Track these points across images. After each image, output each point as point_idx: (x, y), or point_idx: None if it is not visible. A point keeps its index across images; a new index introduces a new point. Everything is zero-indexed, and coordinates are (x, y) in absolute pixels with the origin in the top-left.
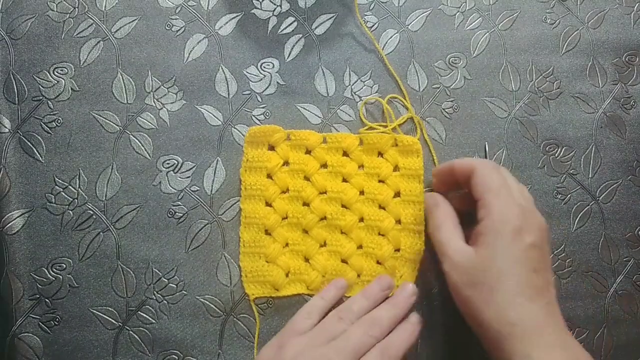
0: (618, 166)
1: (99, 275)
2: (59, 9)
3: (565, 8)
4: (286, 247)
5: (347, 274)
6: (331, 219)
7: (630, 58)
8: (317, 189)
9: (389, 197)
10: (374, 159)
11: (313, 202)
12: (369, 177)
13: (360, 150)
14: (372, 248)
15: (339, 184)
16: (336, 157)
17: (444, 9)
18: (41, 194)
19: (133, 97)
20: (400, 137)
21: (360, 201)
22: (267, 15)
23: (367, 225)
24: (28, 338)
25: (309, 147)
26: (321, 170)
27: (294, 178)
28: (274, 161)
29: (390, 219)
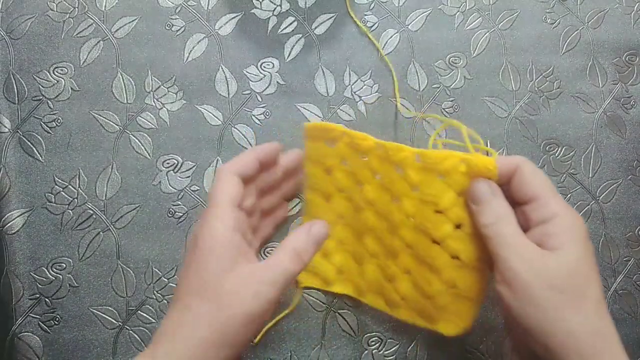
0: (618, 166)
1: (99, 275)
2: (59, 9)
3: (565, 8)
4: (341, 245)
5: (391, 293)
6: (378, 236)
7: (630, 58)
8: (367, 199)
9: (447, 232)
10: (434, 183)
11: (363, 212)
12: (423, 204)
13: (417, 168)
14: (420, 282)
15: (387, 202)
16: (387, 170)
17: (444, 9)
18: (41, 193)
19: (133, 96)
20: (472, 159)
21: (409, 227)
22: (267, 15)
23: (416, 255)
24: (28, 337)
25: (362, 152)
26: (374, 180)
27: (349, 179)
28: (331, 158)
29: (445, 257)
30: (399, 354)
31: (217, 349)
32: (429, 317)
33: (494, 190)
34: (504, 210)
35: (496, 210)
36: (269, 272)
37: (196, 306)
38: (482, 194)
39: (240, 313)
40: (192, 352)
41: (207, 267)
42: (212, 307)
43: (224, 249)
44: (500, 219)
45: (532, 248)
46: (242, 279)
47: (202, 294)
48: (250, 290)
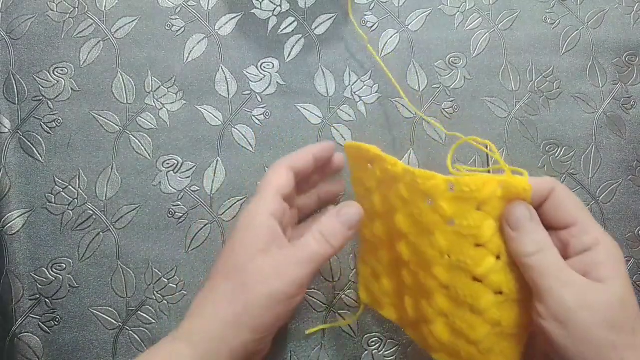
0: (618, 166)
1: (99, 276)
2: (59, 9)
3: (565, 8)
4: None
5: (428, 336)
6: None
7: (630, 58)
8: (399, 229)
9: (490, 267)
10: (471, 214)
11: (398, 242)
12: (460, 238)
13: (450, 199)
14: (460, 326)
15: (418, 235)
16: (416, 201)
17: (444, 9)
18: (41, 194)
19: (133, 97)
20: (509, 181)
21: (444, 265)
22: (267, 15)
23: (454, 297)
24: (28, 338)
25: (393, 177)
26: (405, 210)
27: (384, 205)
28: (370, 180)
29: (489, 295)
30: (398, 355)
31: (237, 330)
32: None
33: (532, 215)
34: (545, 237)
35: (537, 237)
36: (296, 253)
37: (221, 285)
38: (521, 220)
39: (262, 293)
40: (211, 331)
41: (238, 248)
42: (236, 286)
43: (257, 232)
44: (542, 248)
45: (580, 280)
46: (268, 260)
47: (229, 273)
48: (274, 270)
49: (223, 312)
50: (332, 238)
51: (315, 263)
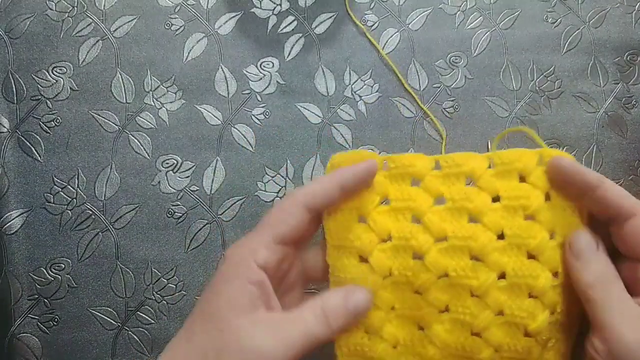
0: (619, 166)
1: (98, 276)
2: (58, 8)
3: (566, 7)
4: (392, 311)
5: (482, 351)
6: (456, 277)
7: (631, 57)
8: (432, 234)
9: (546, 240)
10: (515, 185)
11: (428, 254)
12: (509, 211)
13: (491, 175)
14: (520, 317)
15: (465, 225)
16: (457, 187)
17: (445, 8)
18: (40, 193)
19: (132, 96)
20: (547, 152)
21: (500, 249)
22: (267, 14)
23: (512, 284)
24: (27, 338)
25: (416, 176)
26: (437, 207)
27: (397, 220)
28: (365, 197)
29: (546, 273)
30: None
31: None
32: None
33: (595, 243)
34: (610, 269)
35: (600, 268)
36: (286, 327)
37: (196, 339)
38: (584, 248)
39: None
40: None
41: (222, 300)
42: (211, 349)
43: (242, 287)
44: (605, 280)
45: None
46: (251, 328)
47: (207, 327)
48: (256, 343)
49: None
50: (334, 320)
51: (307, 344)
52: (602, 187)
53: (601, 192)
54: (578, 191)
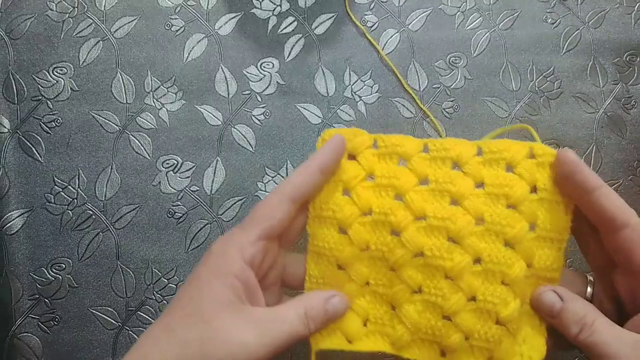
0: (619, 166)
1: (99, 276)
2: (59, 9)
3: (565, 8)
4: (366, 286)
5: (451, 335)
6: (431, 257)
7: (631, 58)
8: (412, 212)
9: (524, 230)
10: (501, 174)
11: (406, 231)
12: (492, 198)
13: (478, 162)
14: (492, 303)
15: (446, 207)
16: (442, 170)
17: (445, 9)
18: (40, 194)
19: (132, 97)
20: (538, 146)
21: (477, 234)
22: (267, 15)
23: (486, 270)
24: (27, 338)
25: (403, 156)
26: (420, 187)
27: (380, 196)
28: (352, 172)
29: (521, 264)
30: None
31: None
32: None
33: (562, 294)
34: (584, 312)
35: (576, 316)
36: (271, 324)
37: (177, 329)
38: (552, 305)
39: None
40: None
41: (206, 292)
42: (194, 339)
43: (227, 281)
44: (586, 326)
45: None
46: (237, 322)
47: (189, 319)
48: (241, 337)
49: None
50: (313, 323)
51: (289, 342)
52: (600, 191)
53: (597, 197)
54: (575, 190)
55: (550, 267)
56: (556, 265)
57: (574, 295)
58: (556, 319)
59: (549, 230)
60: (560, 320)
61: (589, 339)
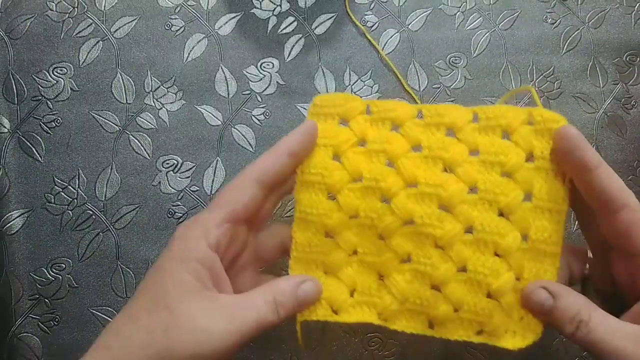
0: (619, 166)
1: (99, 276)
2: (58, 9)
3: (566, 8)
4: (354, 255)
5: (439, 306)
6: (421, 225)
7: (631, 58)
8: (403, 178)
9: (518, 199)
10: (497, 141)
11: (396, 198)
12: (486, 166)
13: (474, 129)
14: (483, 274)
15: (438, 174)
16: (436, 137)
17: (445, 9)
18: (40, 194)
19: (132, 97)
20: (538, 111)
21: (470, 202)
22: (267, 15)
23: (478, 239)
24: (27, 338)
25: (396, 122)
26: (412, 154)
27: (371, 162)
28: (343, 137)
29: (515, 233)
30: (398, 355)
31: None
32: (490, 330)
33: (554, 290)
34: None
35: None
36: (237, 311)
37: (140, 320)
38: (543, 303)
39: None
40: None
41: (168, 280)
42: (157, 329)
43: (191, 267)
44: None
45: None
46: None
47: (152, 308)
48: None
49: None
50: (283, 309)
51: (257, 329)
52: (599, 169)
53: (597, 175)
54: (574, 168)
55: (549, 240)
56: (555, 238)
57: (566, 289)
58: (549, 316)
59: (546, 200)
60: (553, 319)
61: (587, 338)
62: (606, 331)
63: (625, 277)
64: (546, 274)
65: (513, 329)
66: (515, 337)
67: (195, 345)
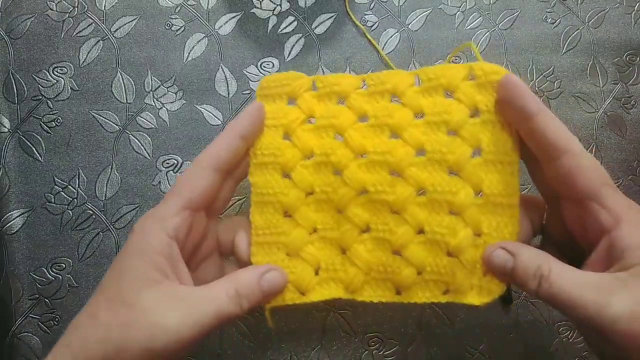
0: (619, 166)
1: (99, 276)
2: (59, 9)
3: (565, 7)
4: (314, 233)
5: (402, 270)
6: (375, 193)
7: (631, 57)
8: (352, 150)
9: (465, 155)
10: (440, 101)
11: (347, 169)
12: (431, 127)
13: (416, 92)
14: (440, 234)
15: (385, 141)
16: (381, 104)
17: (445, 9)
18: (41, 193)
19: (133, 96)
20: (478, 66)
21: (419, 164)
22: (267, 14)
23: (431, 200)
24: (27, 338)
25: (342, 95)
26: (359, 124)
27: (320, 137)
28: (292, 115)
29: (467, 189)
30: (399, 354)
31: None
32: (455, 288)
33: (512, 249)
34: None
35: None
36: (196, 303)
37: (99, 315)
38: (504, 264)
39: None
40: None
41: (126, 272)
42: (112, 323)
43: (149, 258)
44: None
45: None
46: (158, 301)
47: (111, 302)
48: (162, 317)
49: (92, 353)
50: (246, 300)
51: (218, 321)
52: (540, 116)
53: (537, 122)
54: (516, 116)
55: (504, 192)
56: (510, 190)
57: (524, 247)
58: (511, 276)
59: (495, 153)
60: (515, 278)
61: (549, 291)
62: (566, 282)
63: (575, 224)
64: (507, 226)
65: (478, 285)
66: (482, 292)
67: (149, 340)
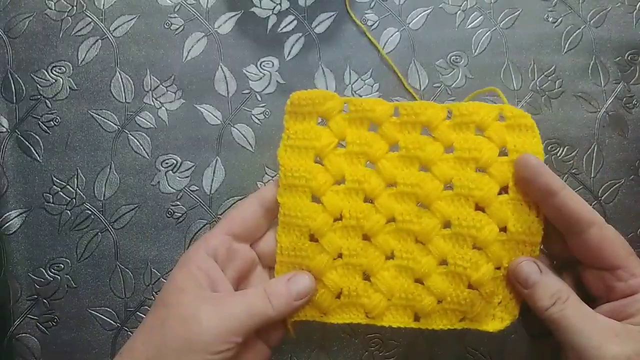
0: (620, 166)
1: (97, 276)
2: (57, 8)
3: (567, 6)
4: (339, 259)
5: (423, 298)
6: (402, 222)
7: (632, 57)
8: (384, 179)
9: (492, 193)
10: (471, 137)
11: (379, 198)
12: (461, 163)
13: (448, 126)
14: (462, 267)
15: (415, 173)
16: (412, 136)
17: (445, 8)
18: (39, 193)
19: (131, 96)
20: (508, 108)
21: (446, 198)
22: (267, 13)
23: (456, 233)
24: (26, 339)
25: (374, 121)
26: (391, 154)
27: (352, 164)
28: (325, 139)
29: (492, 226)
30: (399, 355)
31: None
32: (472, 317)
33: (542, 267)
34: (560, 288)
35: (551, 290)
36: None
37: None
38: (529, 275)
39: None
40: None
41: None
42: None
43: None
44: (559, 300)
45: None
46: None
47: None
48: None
49: (137, 354)
50: (275, 298)
51: (250, 317)
52: (563, 193)
53: (562, 197)
54: (539, 193)
55: (528, 231)
56: (534, 229)
57: (550, 271)
58: (530, 289)
59: (524, 193)
60: (533, 292)
61: (561, 313)
62: (579, 312)
63: (600, 289)
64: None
65: (492, 313)
66: (495, 320)
67: (186, 332)
